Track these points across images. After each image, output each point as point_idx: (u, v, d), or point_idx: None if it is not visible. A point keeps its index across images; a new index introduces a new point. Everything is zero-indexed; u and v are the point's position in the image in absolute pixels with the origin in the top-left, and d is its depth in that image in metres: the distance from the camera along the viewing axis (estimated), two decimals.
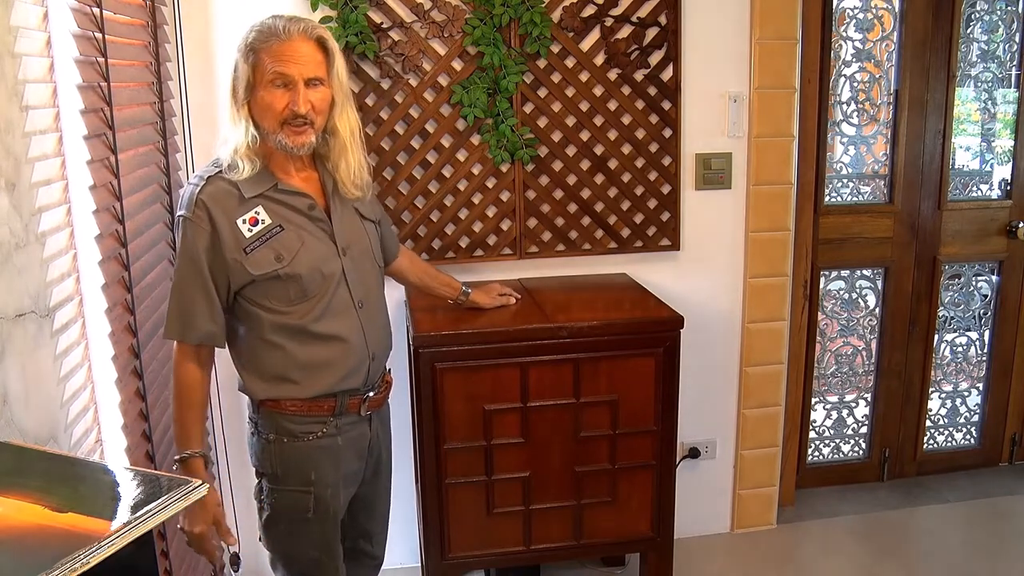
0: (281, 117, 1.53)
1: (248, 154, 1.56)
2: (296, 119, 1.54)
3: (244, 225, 1.57)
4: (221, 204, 1.56)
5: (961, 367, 3.16)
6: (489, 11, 2.29)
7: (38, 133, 1.39)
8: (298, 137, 1.56)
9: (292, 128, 1.55)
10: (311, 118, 1.55)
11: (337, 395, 1.66)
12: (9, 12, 1.30)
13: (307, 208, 1.63)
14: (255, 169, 1.57)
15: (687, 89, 2.48)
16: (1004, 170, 3.01)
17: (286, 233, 1.59)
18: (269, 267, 1.57)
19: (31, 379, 1.32)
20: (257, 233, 1.57)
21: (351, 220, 1.70)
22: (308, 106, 1.54)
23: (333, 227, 1.65)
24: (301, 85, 1.53)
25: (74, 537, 0.89)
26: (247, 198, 1.57)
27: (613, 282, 2.48)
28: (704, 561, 2.67)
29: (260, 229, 1.57)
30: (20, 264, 1.30)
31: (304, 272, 1.59)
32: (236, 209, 1.57)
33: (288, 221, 1.60)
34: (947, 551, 2.71)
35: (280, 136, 1.55)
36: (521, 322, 2.08)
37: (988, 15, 2.88)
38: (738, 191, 2.58)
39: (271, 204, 1.59)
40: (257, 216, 1.57)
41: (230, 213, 1.57)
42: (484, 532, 2.15)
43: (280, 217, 1.59)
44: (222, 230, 1.56)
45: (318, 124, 1.59)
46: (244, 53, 1.54)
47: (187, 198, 1.58)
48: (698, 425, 2.69)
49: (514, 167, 2.43)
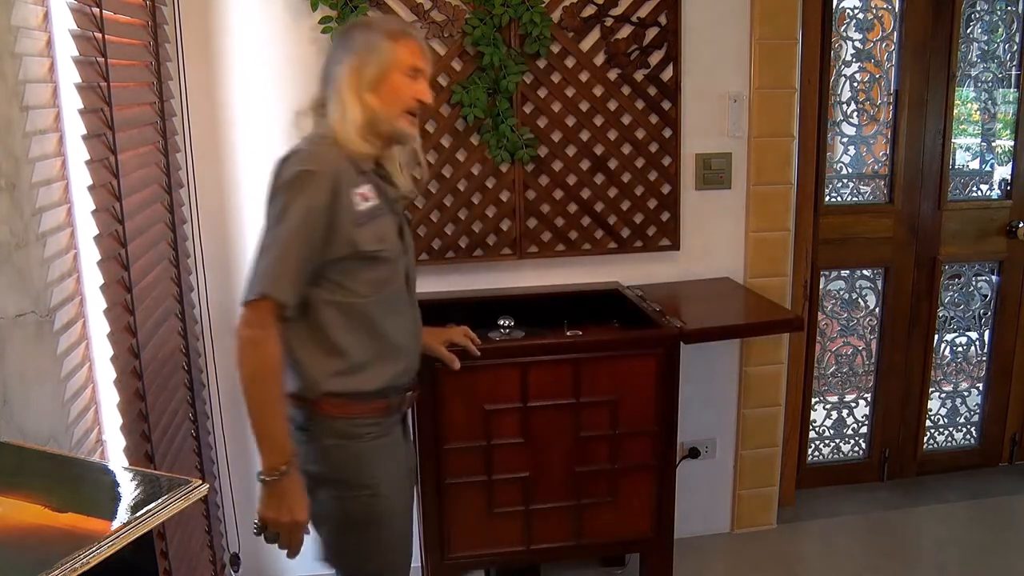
0: (409, 105, 1.61)
1: (363, 133, 1.58)
2: (418, 110, 1.63)
3: (357, 197, 1.56)
4: (344, 170, 1.55)
5: (961, 367, 3.16)
6: (489, 11, 2.29)
7: (38, 133, 1.39)
8: (413, 127, 1.64)
9: (411, 118, 1.63)
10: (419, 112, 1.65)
11: (388, 394, 1.65)
12: (9, 12, 1.30)
13: (394, 199, 1.67)
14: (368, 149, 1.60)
15: (687, 89, 2.48)
16: (1004, 170, 3.01)
17: (386, 217, 1.62)
18: (375, 245, 1.57)
19: (31, 379, 1.32)
20: (368, 210, 1.57)
21: (406, 225, 1.74)
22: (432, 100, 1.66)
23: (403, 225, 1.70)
24: (427, 81, 1.64)
25: (74, 537, 0.89)
26: (362, 171, 1.59)
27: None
28: (704, 561, 2.67)
29: (370, 206, 1.57)
30: (20, 264, 1.30)
31: (395, 258, 1.63)
32: (354, 179, 1.56)
33: (386, 206, 1.63)
34: (947, 551, 2.71)
35: (400, 122, 1.61)
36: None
37: (988, 15, 2.88)
38: (738, 191, 2.59)
39: (376, 185, 1.62)
40: (368, 193, 1.58)
41: (350, 182, 1.55)
42: (484, 532, 2.15)
43: (382, 199, 1.62)
44: (342, 197, 1.53)
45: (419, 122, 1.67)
46: (392, 36, 1.59)
47: (314, 155, 1.55)
48: (698, 425, 2.68)
49: (514, 167, 2.43)
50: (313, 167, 1.53)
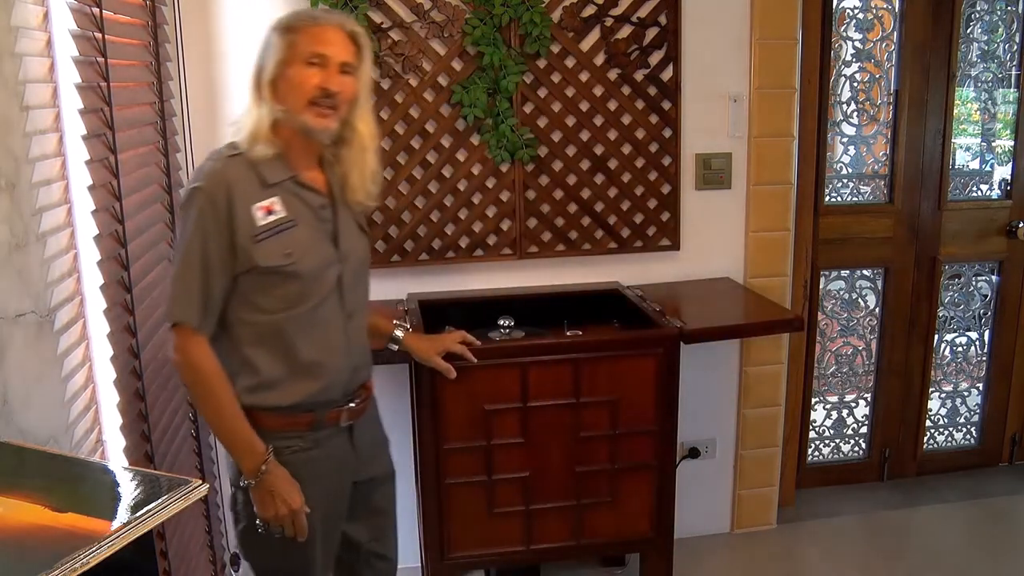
0: (311, 95, 1.50)
1: (269, 138, 1.52)
2: (326, 99, 1.50)
3: (259, 212, 1.51)
4: (241, 185, 1.50)
5: (961, 367, 3.16)
6: (489, 11, 2.29)
7: (38, 133, 1.39)
8: (322, 120, 1.52)
9: (318, 109, 1.51)
10: (338, 102, 1.52)
11: (315, 408, 1.60)
12: (9, 12, 1.30)
13: (319, 207, 1.59)
14: (274, 152, 1.53)
15: (687, 89, 2.48)
16: (1004, 170, 3.01)
17: (298, 229, 1.54)
18: (277, 260, 1.51)
19: (31, 379, 1.32)
20: (270, 223, 1.51)
21: (352, 228, 1.66)
22: (339, 87, 1.51)
23: (338, 232, 1.61)
24: (335, 67, 1.51)
25: (74, 537, 0.89)
26: (268, 184, 1.52)
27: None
28: (704, 561, 2.67)
29: (273, 220, 1.51)
30: (20, 264, 1.30)
31: (307, 273, 1.54)
32: (254, 194, 1.51)
33: (300, 217, 1.55)
34: (947, 551, 2.71)
35: (305, 116, 1.51)
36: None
37: (988, 15, 2.88)
38: (738, 191, 2.58)
39: (287, 196, 1.54)
40: (273, 206, 1.52)
41: (248, 196, 1.51)
42: (484, 532, 2.15)
43: (294, 211, 1.54)
44: (237, 211, 1.49)
45: (342, 112, 1.55)
46: (281, 30, 1.52)
47: (207, 171, 1.51)
48: (698, 425, 2.68)
49: (514, 167, 2.43)
50: (202, 184, 1.50)
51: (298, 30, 1.52)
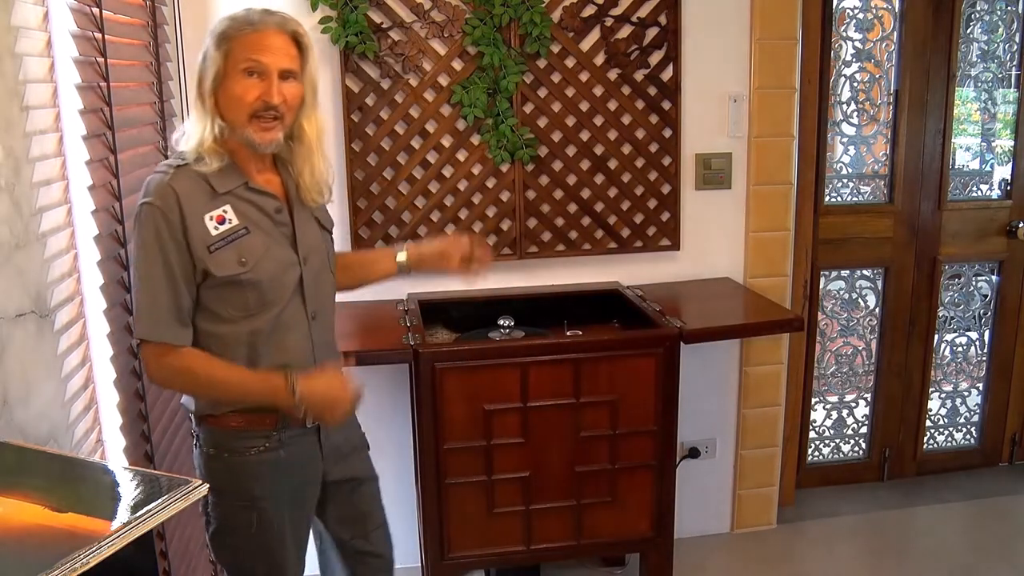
0: (251, 109, 1.45)
1: (215, 148, 1.47)
2: (267, 111, 1.45)
3: (211, 222, 1.47)
4: (191, 196, 1.46)
5: (961, 367, 3.16)
6: (489, 11, 2.29)
7: (38, 133, 1.39)
8: (266, 134, 1.47)
9: (261, 123, 1.46)
10: (282, 111, 1.47)
11: (279, 409, 1.55)
12: (9, 12, 1.30)
13: (274, 211, 1.54)
14: (223, 164, 1.48)
15: (687, 89, 2.48)
16: (1004, 170, 3.01)
17: (251, 236, 1.50)
18: (232, 270, 1.47)
19: (31, 379, 1.32)
20: (223, 233, 1.47)
21: (311, 228, 1.62)
22: (281, 98, 1.46)
23: (296, 234, 1.57)
24: (275, 76, 1.45)
25: (74, 537, 0.89)
26: (218, 193, 1.48)
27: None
28: (704, 561, 2.67)
29: (226, 229, 1.47)
30: (20, 264, 1.30)
31: (265, 279, 1.50)
32: (205, 204, 1.47)
33: (254, 224, 1.51)
34: (947, 551, 2.71)
35: (248, 131, 1.46)
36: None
37: (988, 15, 2.88)
38: (738, 191, 2.59)
39: (239, 203, 1.50)
40: (225, 215, 1.48)
41: (199, 207, 1.46)
42: (484, 532, 2.15)
43: (246, 219, 1.50)
44: (190, 223, 1.45)
45: (287, 120, 1.50)
46: (216, 41, 1.45)
47: (155, 185, 1.46)
48: (698, 425, 2.68)
49: (514, 167, 2.43)
50: (152, 199, 1.45)
51: (233, 38, 1.45)
